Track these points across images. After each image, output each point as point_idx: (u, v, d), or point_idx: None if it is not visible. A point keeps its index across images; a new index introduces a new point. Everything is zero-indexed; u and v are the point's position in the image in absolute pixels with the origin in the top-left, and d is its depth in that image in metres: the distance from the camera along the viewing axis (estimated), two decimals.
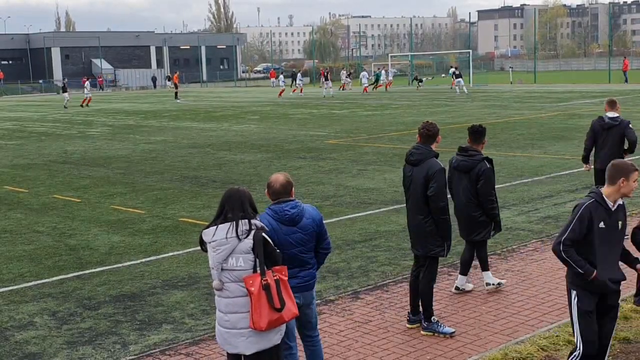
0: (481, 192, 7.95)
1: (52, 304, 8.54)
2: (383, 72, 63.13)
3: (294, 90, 58.45)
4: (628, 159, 10.99)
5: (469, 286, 8.52)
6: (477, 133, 8.17)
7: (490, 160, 8.06)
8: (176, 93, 54.54)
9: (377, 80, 61.48)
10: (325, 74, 55.80)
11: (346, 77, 64.19)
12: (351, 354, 6.80)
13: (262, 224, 5.26)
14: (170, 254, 10.55)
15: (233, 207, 5.16)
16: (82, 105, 48.93)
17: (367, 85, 57.89)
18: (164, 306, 8.35)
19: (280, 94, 55.35)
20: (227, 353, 5.39)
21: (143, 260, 10.32)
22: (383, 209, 13.20)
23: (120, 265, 10.11)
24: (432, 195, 7.00)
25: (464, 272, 8.45)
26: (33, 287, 9.22)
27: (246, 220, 5.14)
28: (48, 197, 15.45)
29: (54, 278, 9.57)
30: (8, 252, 10.98)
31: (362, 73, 61.98)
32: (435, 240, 7.14)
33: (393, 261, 9.84)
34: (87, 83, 52.66)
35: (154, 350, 7.13)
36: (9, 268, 10.12)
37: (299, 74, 61.08)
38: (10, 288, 9.23)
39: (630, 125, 10.89)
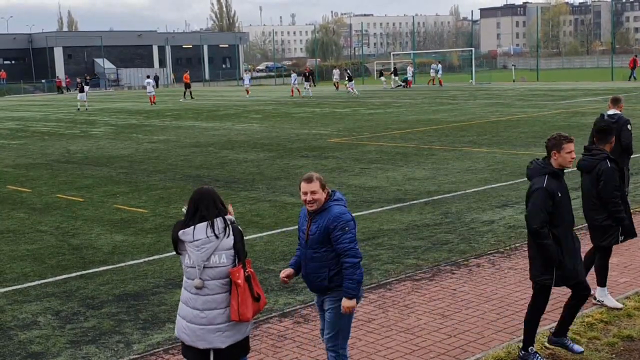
0: (603, 193, 7.39)
1: (56, 304, 8.55)
2: (409, 68, 63.48)
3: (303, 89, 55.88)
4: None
5: (611, 301, 7.65)
6: (601, 132, 7.75)
7: (612, 160, 7.50)
8: (189, 92, 53.89)
9: (405, 79, 61.07)
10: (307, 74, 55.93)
11: (393, 75, 63.41)
12: (354, 352, 6.79)
13: (233, 218, 5.30)
14: (173, 253, 10.41)
15: (207, 206, 5.21)
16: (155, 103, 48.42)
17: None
18: (167, 305, 8.35)
19: (247, 92, 55.26)
20: (188, 349, 5.32)
21: (146, 259, 10.33)
22: (386, 207, 13.20)
23: (123, 264, 10.12)
24: (526, 215, 6.30)
25: (601, 282, 7.70)
26: (36, 287, 9.23)
27: (221, 218, 5.20)
28: (51, 196, 15.47)
29: (57, 277, 9.59)
30: (11, 252, 10.99)
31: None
32: (540, 265, 6.27)
33: (396, 260, 9.83)
34: (147, 80, 50.73)
35: (158, 349, 7.14)
36: (13, 267, 10.14)
37: (293, 74, 59.98)
38: (14, 287, 9.24)
39: (628, 126, 10.58)
